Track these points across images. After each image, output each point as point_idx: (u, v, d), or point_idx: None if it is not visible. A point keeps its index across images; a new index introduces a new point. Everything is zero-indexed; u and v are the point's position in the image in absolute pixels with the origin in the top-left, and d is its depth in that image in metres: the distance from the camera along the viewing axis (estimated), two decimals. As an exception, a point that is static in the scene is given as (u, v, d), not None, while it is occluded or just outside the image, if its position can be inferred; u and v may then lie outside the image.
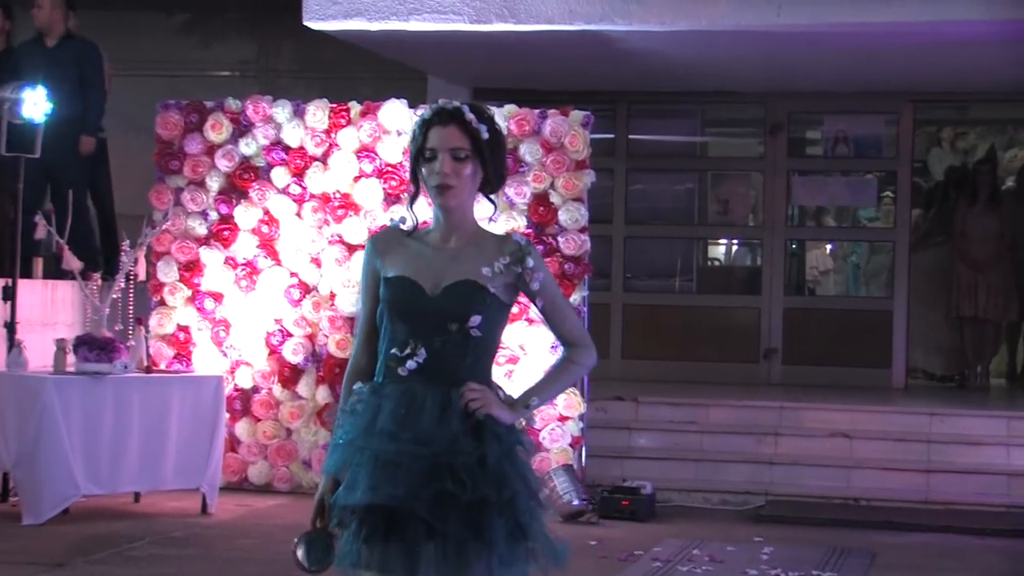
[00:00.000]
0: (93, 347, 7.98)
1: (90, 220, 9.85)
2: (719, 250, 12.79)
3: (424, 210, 3.20)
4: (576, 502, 7.82)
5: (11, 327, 7.86)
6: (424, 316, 3.04)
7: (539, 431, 8.16)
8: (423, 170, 3.02)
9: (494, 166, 3.08)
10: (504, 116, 8.14)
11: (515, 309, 3.85)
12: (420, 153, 3.04)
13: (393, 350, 3.04)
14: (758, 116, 11.31)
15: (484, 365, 3.11)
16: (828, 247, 13.10)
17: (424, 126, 3.05)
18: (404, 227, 3.16)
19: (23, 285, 8.26)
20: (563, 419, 8.09)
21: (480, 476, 2.96)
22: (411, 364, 3.03)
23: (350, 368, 3.17)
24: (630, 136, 11.29)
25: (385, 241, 3.16)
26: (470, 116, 3.02)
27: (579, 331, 3.24)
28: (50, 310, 8.93)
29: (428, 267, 3.07)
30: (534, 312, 6.60)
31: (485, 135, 3.03)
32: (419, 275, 3.06)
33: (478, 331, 3.02)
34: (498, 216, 7.61)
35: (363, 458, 2.98)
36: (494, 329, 3.10)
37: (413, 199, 3.13)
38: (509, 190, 8.02)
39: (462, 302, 3.03)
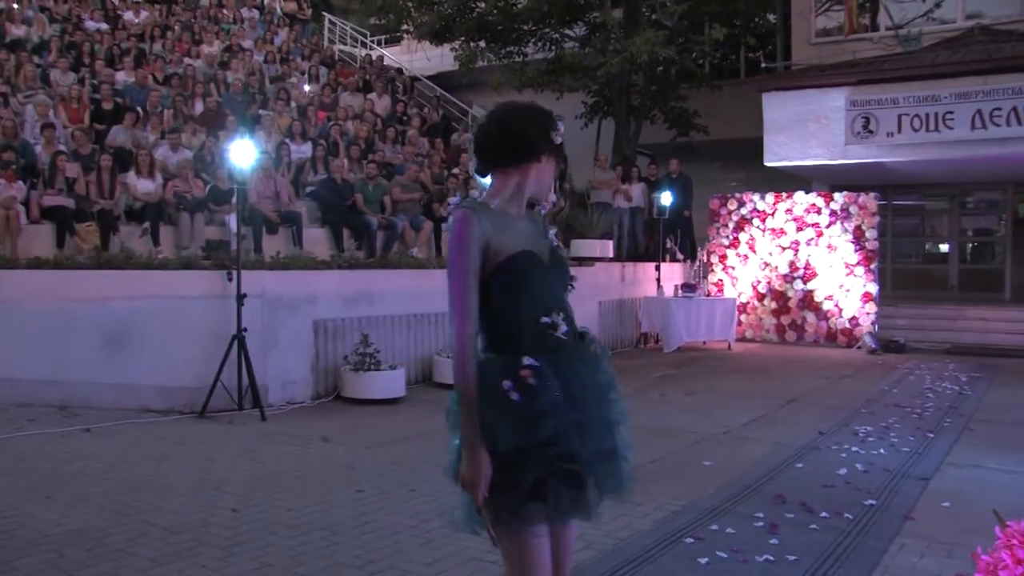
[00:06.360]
0: (687, 287, 15.80)
1: (686, 242, 17.52)
2: None
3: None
4: (874, 346, 15.03)
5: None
6: (553, 283, 2.81)
7: (858, 318, 15.48)
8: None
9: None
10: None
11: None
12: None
13: (544, 319, 2.73)
14: None
15: None
16: None
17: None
18: (480, 200, 2.85)
19: (665, 267, 16.18)
20: (867, 311, 15.83)
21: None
22: (564, 328, 2.75)
23: (470, 341, 2.73)
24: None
25: (484, 218, 2.77)
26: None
27: None
28: (668, 274, 16.00)
29: (528, 238, 2.82)
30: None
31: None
32: (533, 247, 2.81)
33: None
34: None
35: (577, 426, 2.73)
36: None
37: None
38: None
39: (566, 266, 2.89)
